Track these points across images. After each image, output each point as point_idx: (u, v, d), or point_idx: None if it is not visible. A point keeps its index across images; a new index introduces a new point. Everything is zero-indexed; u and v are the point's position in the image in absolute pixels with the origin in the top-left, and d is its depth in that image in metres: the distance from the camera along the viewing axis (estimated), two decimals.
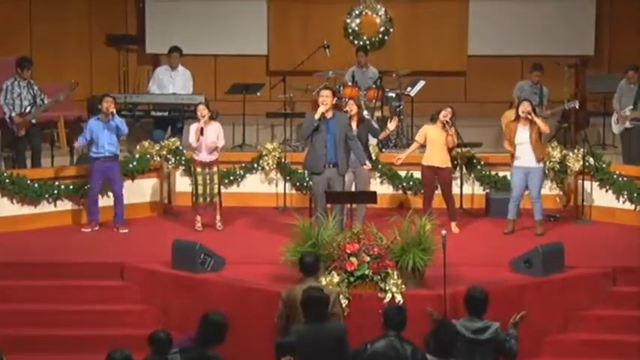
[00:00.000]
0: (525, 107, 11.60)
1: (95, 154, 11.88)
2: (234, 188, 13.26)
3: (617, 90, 14.01)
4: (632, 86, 13.82)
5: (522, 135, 11.63)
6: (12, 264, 10.70)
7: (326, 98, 10.82)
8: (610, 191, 12.51)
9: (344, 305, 9.06)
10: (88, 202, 12.06)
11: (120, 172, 12.12)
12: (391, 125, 12.07)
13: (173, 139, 13.42)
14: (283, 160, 13.21)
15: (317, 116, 10.80)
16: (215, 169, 11.96)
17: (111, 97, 12.01)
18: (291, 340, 7.41)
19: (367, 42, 16.51)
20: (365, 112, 14.09)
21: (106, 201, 12.21)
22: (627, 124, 13.76)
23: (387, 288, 9.25)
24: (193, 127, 11.87)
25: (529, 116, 11.53)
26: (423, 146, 11.98)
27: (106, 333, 9.98)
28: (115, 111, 11.91)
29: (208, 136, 11.82)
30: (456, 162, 12.35)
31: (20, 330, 10.04)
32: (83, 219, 12.21)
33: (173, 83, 14.53)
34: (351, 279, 9.27)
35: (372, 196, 10.70)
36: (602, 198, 12.55)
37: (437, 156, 11.76)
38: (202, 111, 11.82)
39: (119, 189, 11.99)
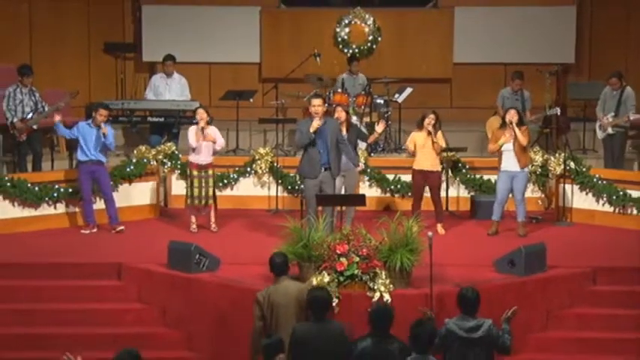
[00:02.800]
0: (512, 115, 11.74)
1: (82, 157, 11.94)
2: (228, 191, 13.37)
3: (600, 97, 13.99)
4: (615, 93, 13.78)
5: (508, 142, 11.77)
6: (12, 265, 10.73)
7: (318, 107, 10.85)
8: (590, 194, 12.62)
9: (334, 304, 9.09)
10: (83, 205, 12.11)
11: (107, 174, 12.12)
12: (379, 128, 12.10)
13: (169, 144, 13.51)
14: (275, 164, 13.30)
15: (312, 130, 10.80)
16: (210, 172, 12.02)
17: (106, 110, 11.97)
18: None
19: (356, 50, 16.71)
20: (354, 118, 14.25)
21: (101, 204, 12.25)
22: (610, 130, 13.79)
23: (376, 287, 9.29)
24: (193, 129, 11.95)
25: (510, 125, 11.67)
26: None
27: (104, 331, 10.03)
28: (103, 125, 11.77)
29: (207, 136, 11.93)
30: (442, 166, 12.43)
31: (20, 329, 10.05)
32: (82, 221, 12.25)
33: (169, 90, 14.64)
34: (341, 279, 9.31)
35: (361, 199, 10.81)
36: (582, 200, 12.66)
37: (427, 160, 11.90)
38: (202, 114, 11.87)
39: (108, 190, 12.01)
